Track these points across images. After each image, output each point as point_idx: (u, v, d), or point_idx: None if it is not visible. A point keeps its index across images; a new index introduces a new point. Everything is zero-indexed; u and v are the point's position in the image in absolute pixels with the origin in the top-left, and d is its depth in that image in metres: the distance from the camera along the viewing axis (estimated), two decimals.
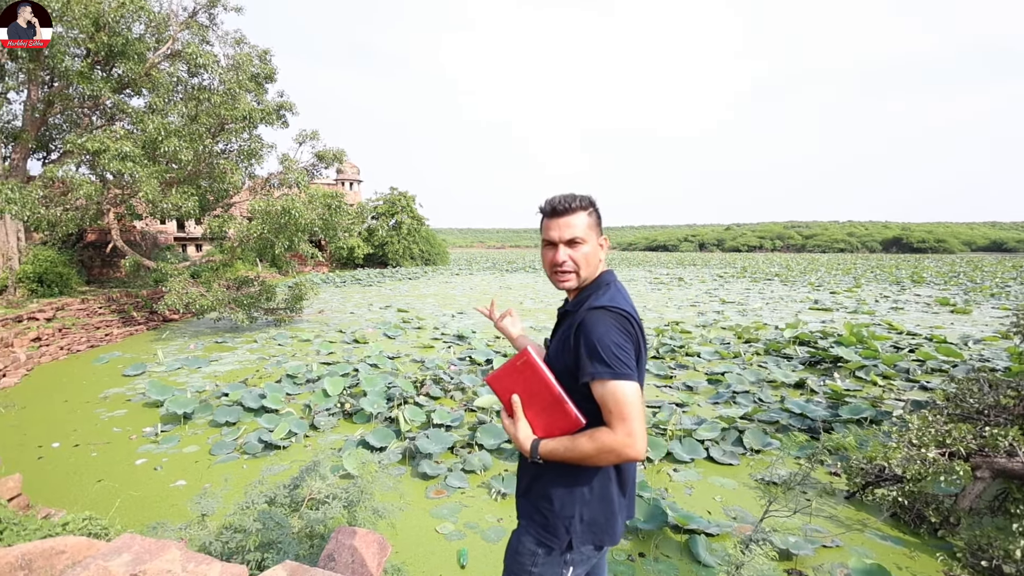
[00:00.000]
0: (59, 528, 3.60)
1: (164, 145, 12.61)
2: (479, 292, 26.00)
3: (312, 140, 16.43)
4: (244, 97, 14.13)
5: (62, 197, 13.78)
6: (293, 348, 12.88)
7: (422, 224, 48.72)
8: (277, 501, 3.69)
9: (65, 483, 6.01)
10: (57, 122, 16.69)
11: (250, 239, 14.17)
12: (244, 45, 16.32)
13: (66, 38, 13.03)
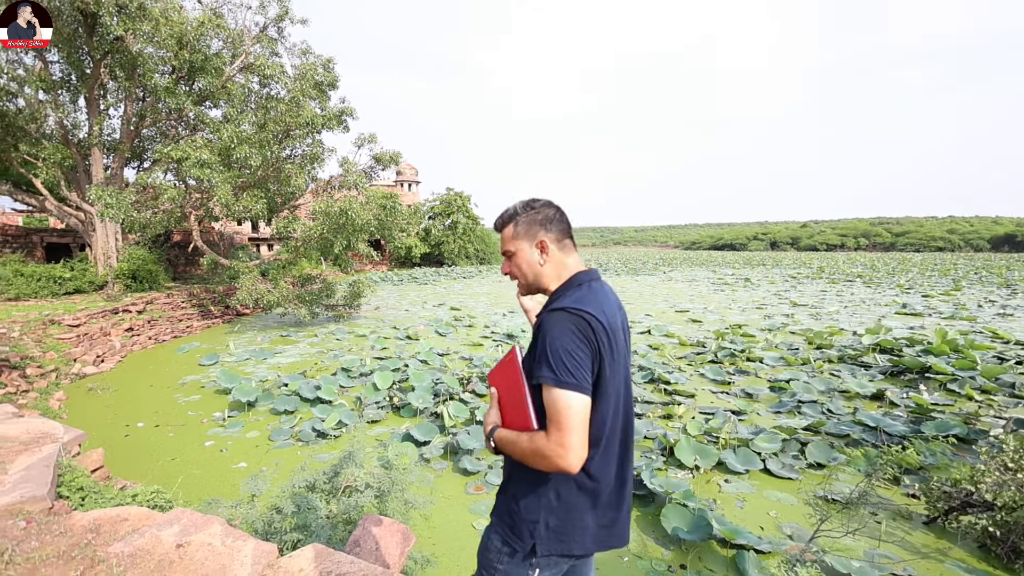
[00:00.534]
0: (129, 499, 3.89)
1: (237, 152, 13.50)
2: None
3: (370, 143, 17.02)
4: (308, 104, 14.86)
5: (151, 202, 15.10)
6: (350, 343, 13.39)
7: (477, 223, 49.32)
8: (317, 487, 3.80)
9: (143, 459, 6.55)
10: (150, 134, 18.33)
11: (312, 239, 14.91)
12: (310, 55, 17.20)
13: (155, 57, 14.24)
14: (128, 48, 13.93)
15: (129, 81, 15.02)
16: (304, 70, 15.75)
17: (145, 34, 13.28)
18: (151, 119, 16.39)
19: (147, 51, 13.94)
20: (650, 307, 19.70)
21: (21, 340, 10.14)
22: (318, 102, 16.36)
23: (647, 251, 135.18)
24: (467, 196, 49.01)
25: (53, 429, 4.41)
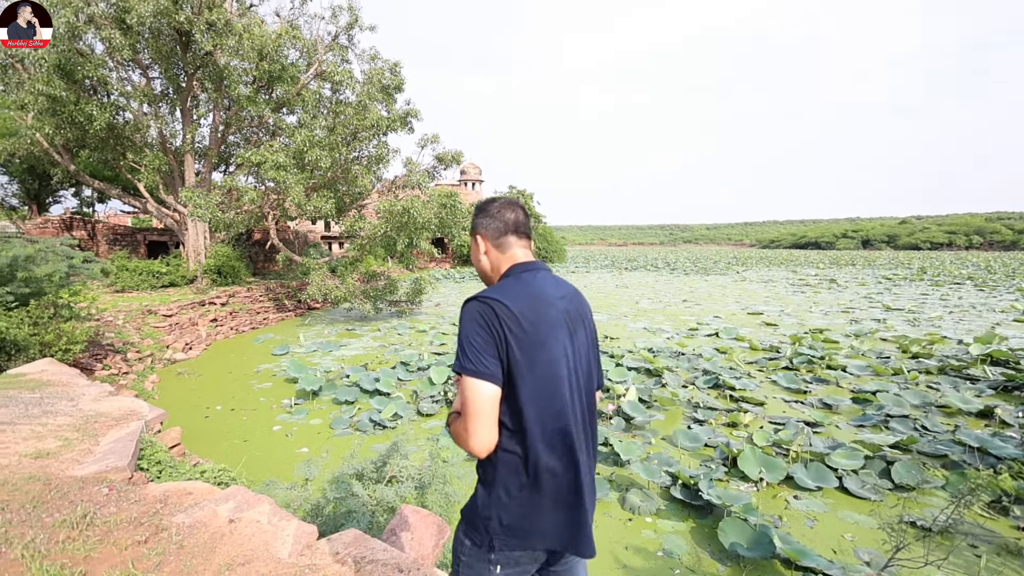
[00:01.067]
0: (198, 474, 4.16)
1: (309, 154, 14.28)
2: (594, 290, 25.53)
3: (433, 143, 17.42)
4: (374, 108, 15.44)
5: (235, 203, 16.30)
6: (410, 338, 13.76)
7: (539, 221, 49.28)
8: (365, 475, 3.88)
9: (218, 439, 7.04)
10: (235, 140, 19.83)
11: (377, 237, 15.49)
12: (378, 60, 17.85)
13: (238, 68, 15.36)
14: (216, 62, 15.12)
15: (217, 92, 16.32)
16: (371, 75, 16.38)
17: (230, 48, 14.37)
18: (235, 127, 17.69)
19: (232, 64, 15.05)
20: (720, 308, 18.75)
21: (124, 328, 11.26)
22: (384, 105, 16.97)
23: (719, 249, 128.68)
24: (530, 194, 49.09)
25: (140, 407, 4.81)
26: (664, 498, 5.11)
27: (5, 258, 7.14)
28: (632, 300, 21.52)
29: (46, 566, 2.10)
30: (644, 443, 6.43)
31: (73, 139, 15.37)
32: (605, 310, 18.48)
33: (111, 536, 2.43)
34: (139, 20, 13.09)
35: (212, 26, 14.17)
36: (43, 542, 2.30)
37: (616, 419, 7.00)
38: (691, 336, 13.39)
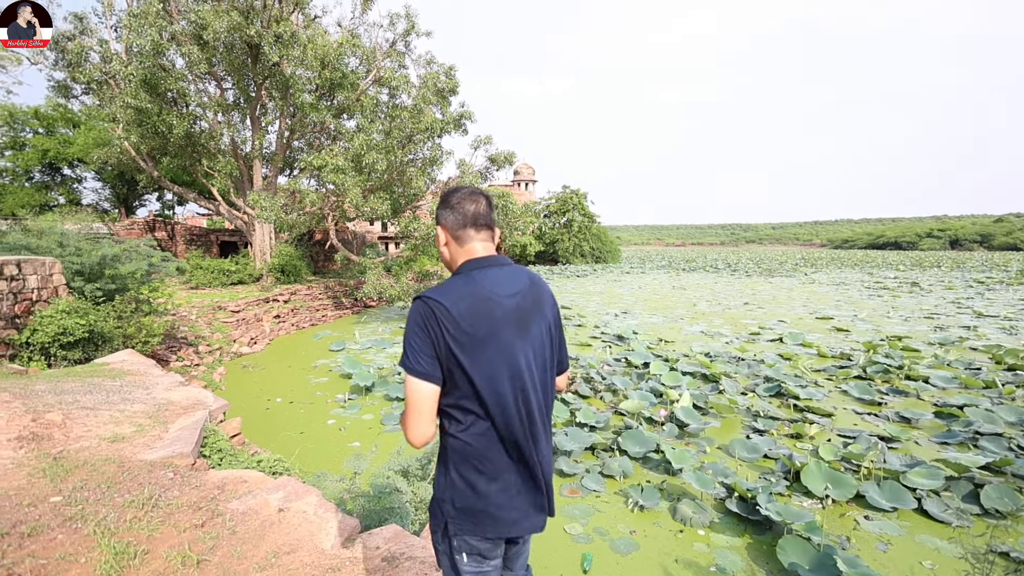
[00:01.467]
0: (255, 463, 4.35)
1: (366, 158, 14.76)
2: (648, 292, 24.88)
3: (486, 145, 17.56)
4: (429, 111, 15.76)
5: (297, 205, 17.12)
6: None
7: (593, 221, 48.59)
8: (410, 472, 3.92)
9: (276, 430, 7.37)
10: (299, 145, 20.84)
11: (429, 237, 15.78)
12: (433, 64, 18.21)
13: (302, 77, 16.13)
14: (283, 72, 15.94)
15: (283, 100, 17.22)
16: (427, 79, 16.74)
17: (295, 58, 15.13)
18: (299, 132, 18.59)
19: (297, 73, 15.82)
20: (785, 312, 17.73)
21: (196, 322, 12.08)
22: (439, 107, 17.29)
23: (786, 250, 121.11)
24: (583, 194, 48.52)
25: (206, 398, 5.11)
26: (718, 510, 4.86)
27: (95, 257, 7.81)
28: (689, 302, 20.77)
29: (114, 543, 2.23)
30: (698, 451, 6.15)
31: (156, 147, 16.67)
32: (661, 312, 17.95)
33: (172, 518, 2.57)
34: (214, 35, 14.02)
35: (279, 38, 14.97)
36: (113, 520, 2.46)
37: (668, 425, 6.74)
38: (752, 341, 12.74)
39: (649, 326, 14.90)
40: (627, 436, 6.19)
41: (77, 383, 5.06)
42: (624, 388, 8.27)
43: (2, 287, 6.04)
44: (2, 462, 3.01)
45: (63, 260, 7.46)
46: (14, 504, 2.53)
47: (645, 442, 6.05)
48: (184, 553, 2.22)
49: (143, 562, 2.14)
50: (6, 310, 6.10)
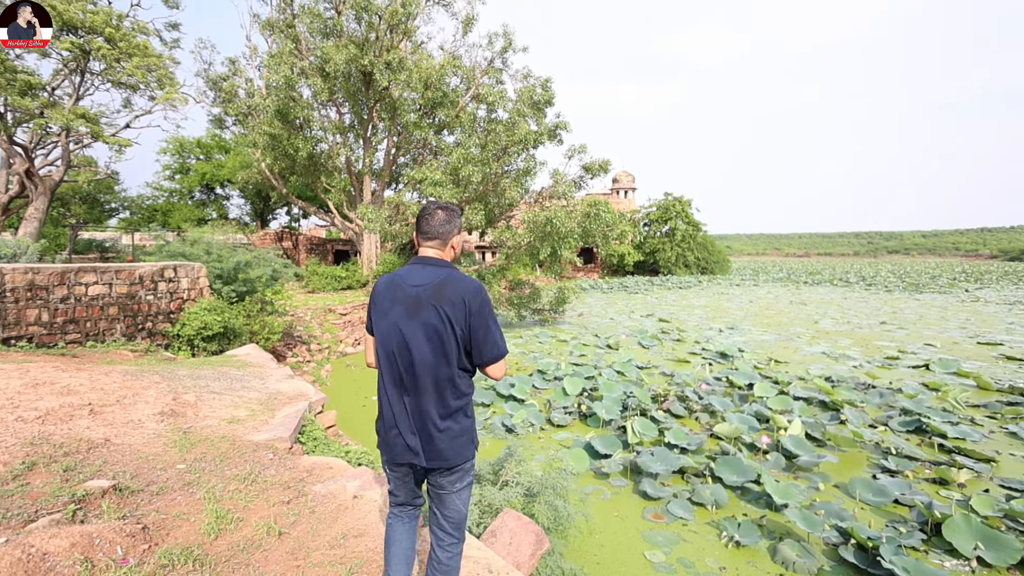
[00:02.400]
0: (342, 453, 4.62)
1: (462, 171, 15.37)
2: (761, 306, 22.97)
3: (580, 153, 17.44)
4: (523, 124, 16.05)
5: (400, 216, 18.24)
6: (551, 347, 13.84)
7: (698, 230, 45.99)
8: (481, 475, 3.92)
9: (368, 425, 7.77)
10: (404, 161, 22.30)
11: (521, 246, 15.97)
12: (530, 78, 18.52)
13: (408, 99, 17.28)
14: (391, 95, 17.20)
15: (391, 121, 18.56)
16: (522, 93, 17.07)
17: (402, 82, 16.26)
18: (404, 149, 19.87)
19: (403, 95, 16.99)
20: (935, 335, 15.30)
21: (310, 323, 13.29)
22: (534, 119, 17.52)
23: (940, 262, 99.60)
24: (687, 201, 46.21)
25: (308, 391, 5.56)
26: (829, 557, 4.26)
27: (231, 263, 8.91)
28: (810, 319, 18.81)
29: (216, 508, 2.55)
30: (808, 487, 5.48)
31: (285, 167, 18.79)
32: (774, 329, 16.44)
33: (265, 493, 2.82)
34: (334, 67, 15.59)
35: (388, 65, 16.22)
36: (220, 489, 2.77)
37: (774, 455, 6.10)
38: (888, 366, 11.14)
39: (758, 344, 13.71)
40: (723, 462, 5.70)
41: (210, 371, 5.77)
42: (723, 410, 7.67)
43: (162, 287, 7.12)
44: (147, 432, 3.53)
45: (208, 265, 8.63)
46: (151, 467, 2.97)
47: (744, 471, 5.51)
48: (270, 524, 2.44)
49: (237, 527, 2.41)
50: (164, 306, 7.18)
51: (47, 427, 3.21)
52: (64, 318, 5.92)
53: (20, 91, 13.04)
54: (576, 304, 23.65)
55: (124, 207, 24.72)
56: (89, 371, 4.80)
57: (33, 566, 1.75)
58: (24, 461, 2.69)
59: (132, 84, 16.05)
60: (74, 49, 13.86)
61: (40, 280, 5.69)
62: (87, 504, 2.38)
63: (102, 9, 14.79)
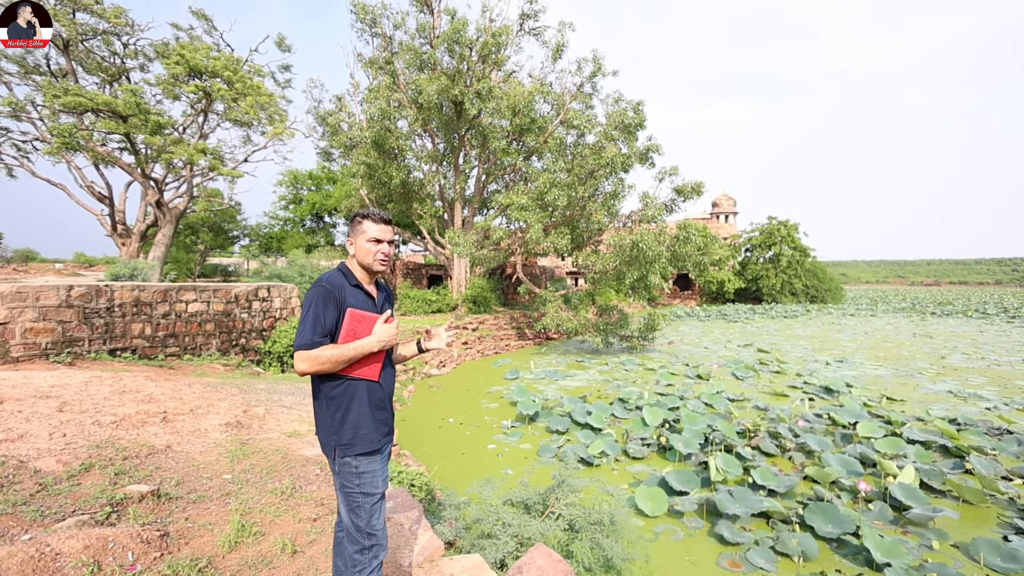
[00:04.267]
0: (395, 472, 4.66)
1: (548, 195, 15.47)
2: (877, 338, 20.29)
3: (671, 176, 16.82)
4: (611, 147, 15.87)
5: (487, 241, 18.76)
6: (636, 375, 13.22)
7: (806, 255, 42.14)
8: (531, 506, 3.76)
9: (441, 447, 7.88)
10: (496, 188, 23.01)
11: (608, 271, 15.61)
12: (621, 102, 18.37)
13: (497, 126, 17.90)
14: (481, 123, 17.94)
15: (481, 148, 19.30)
16: (612, 116, 16.96)
17: (491, 110, 16.92)
18: (494, 176, 20.53)
19: (492, 122, 17.64)
20: None
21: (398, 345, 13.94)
22: (625, 142, 17.27)
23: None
24: (794, 224, 42.70)
25: None
26: None
27: None
28: (935, 353, 16.25)
29: (242, 521, 2.59)
30: (919, 545, 4.59)
31: (382, 195, 20.20)
32: (891, 363, 14.41)
33: (297, 509, 2.88)
34: (427, 98, 16.59)
35: (479, 94, 16.96)
36: (255, 502, 2.88)
37: (879, 504, 5.20)
38: None
39: (871, 379, 12.04)
40: (816, 509, 4.97)
41: (287, 386, 6.22)
42: (821, 450, 6.73)
43: (256, 306, 7.89)
44: (208, 441, 3.82)
45: (300, 286, 9.43)
46: (198, 475, 3.16)
47: (840, 520, 4.76)
48: (287, 541, 2.45)
49: (255, 542, 2.43)
50: (257, 324, 7.93)
51: (118, 432, 3.54)
52: (165, 332, 6.74)
53: (152, 130, 15.39)
54: (668, 332, 22.52)
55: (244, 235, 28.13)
56: (175, 382, 5.38)
57: (43, 565, 1.84)
58: (84, 462, 2.93)
59: (246, 121, 18.39)
60: (198, 91, 16.22)
61: (145, 297, 6.53)
62: (122, 508, 2.51)
63: (223, 55, 17.20)
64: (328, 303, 1.77)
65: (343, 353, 1.73)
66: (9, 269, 26.01)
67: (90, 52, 17.98)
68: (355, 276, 1.93)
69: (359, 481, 1.79)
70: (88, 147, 16.16)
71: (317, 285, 1.79)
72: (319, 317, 1.73)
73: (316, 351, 1.70)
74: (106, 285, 6.29)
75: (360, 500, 1.79)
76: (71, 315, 5.90)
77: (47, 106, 15.63)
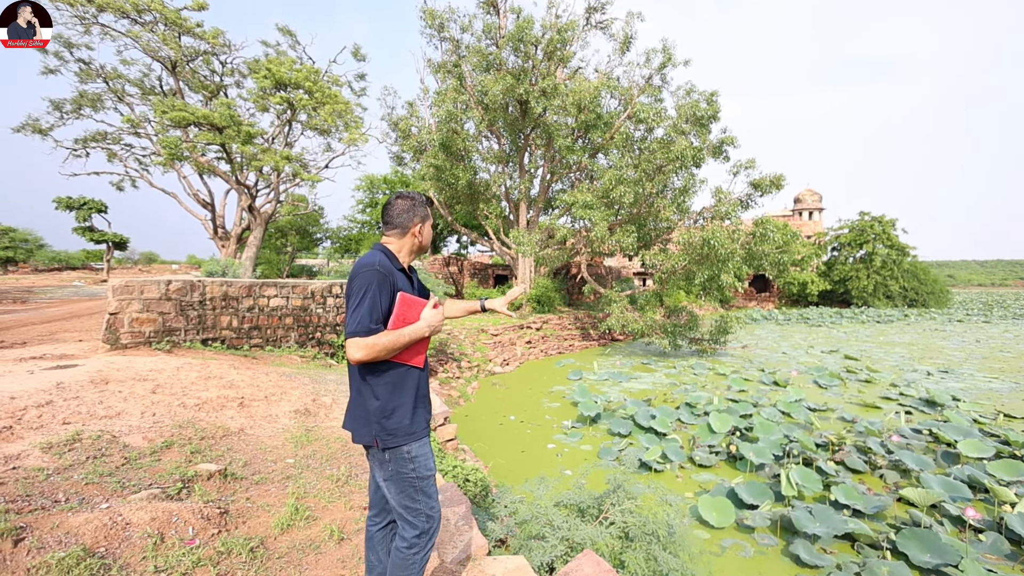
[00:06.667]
0: (449, 467, 4.68)
1: (613, 192, 15.10)
2: (992, 347, 17.96)
3: (747, 169, 15.85)
4: (681, 140, 15.20)
5: (550, 240, 18.63)
6: (706, 379, 12.59)
7: (904, 255, 38.23)
8: (584, 508, 3.65)
9: (501, 444, 7.90)
10: (561, 187, 22.85)
11: (677, 270, 14.97)
12: (693, 93, 17.58)
13: (561, 124, 17.72)
14: (546, 121, 17.86)
15: (546, 148, 19.22)
16: (684, 109, 16.27)
17: (556, 107, 16.79)
18: (559, 175, 20.38)
19: (556, 120, 17.50)
20: None
21: (463, 342, 14.18)
22: (697, 135, 16.51)
23: None
24: (889, 221, 38.92)
25: (433, 402, 5.86)
26: None
27: None
28: None
29: (297, 504, 2.70)
30: None
31: (449, 196, 20.67)
32: (1007, 375, 12.70)
33: (350, 497, 2.96)
34: (492, 99, 16.73)
35: (544, 92, 16.89)
36: (312, 486, 2.99)
37: (991, 535, 4.56)
38: None
39: (983, 393, 10.66)
40: (910, 535, 4.44)
41: None
42: (919, 469, 6.03)
43: (330, 302, 8.31)
44: (278, 426, 4.04)
45: None
46: (264, 458, 3.34)
47: (941, 550, 4.22)
48: (337, 528, 2.52)
49: (307, 525, 2.52)
50: (331, 319, 8.36)
51: (200, 414, 3.83)
52: (250, 325, 7.25)
53: (244, 140, 16.67)
54: (742, 335, 21.28)
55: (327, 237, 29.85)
56: (255, 370, 5.76)
57: (114, 533, 1.99)
58: (166, 440, 3.17)
59: (325, 129, 19.47)
60: (283, 102, 17.37)
61: (232, 292, 7.06)
62: (191, 484, 2.67)
63: (304, 67, 18.32)
64: (383, 287, 1.72)
65: (399, 339, 1.70)
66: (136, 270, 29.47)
67: (195, 72, 19.87)
68: (399, 260, 1.87)
69: (413, 465, 1.79)
70: (191, 157, 17.86)
71: (370, 268, 1.73)
72: (376, 302, 1.69)
73: (374, 338, 1.66)
74: (199, 281, 6.89)
75: (418, 483, 1.79)
76: (170, 307, 6.51)
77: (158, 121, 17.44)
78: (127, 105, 19.68)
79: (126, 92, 19.58)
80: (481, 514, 3.84)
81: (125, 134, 20.30)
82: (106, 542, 1.97)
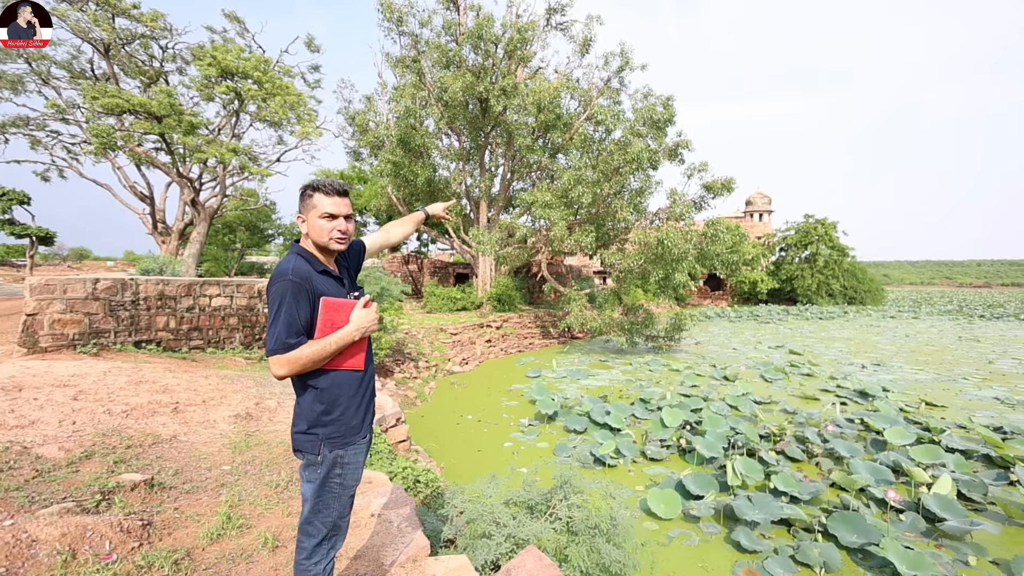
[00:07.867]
0: (399, 468, 4.62)
1: (572, 192, 15.27)
2: (919, 341, 19.28)
3: (700, 172, 16.36)
4: (636, 142, 15.53)
5: (511, 239, 18.67)
6: (660, 376, 12.93)
7: (845, 255, 40.51)
8: (534, 505, 3.67)
9: (457, 443, 7.85)
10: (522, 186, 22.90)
11: (633, 269, 15.29)
12: (650, 97, 17.96)
13: (521, 123, 17.76)
14: (506, 120, 17.86)
15: (507, 146, 19.22)
16: (641, 112, 16.62)
17: (515, 106, 16.81)
18: (519, 174, 20.43)
19: (516, 119, 17.53)
20: None
21: (421, 341, 14.01)
22: (653, 138, 16.88)
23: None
24: (832, 223, 41.09)
25: (384, 403, 5.75)
26: None
27: None
28: (983, 358, 15.32)
29: (230, 512, 2.58)
30: (954, 560, 4.28)
31: (407, 193, 20.37)
32: (932, 368, 13.67)
33: (289, 502, 2.86)
34: (452, 96, 16.59)
35: (504, 91, 16.88)
36: (248, 494, 2.87)
37: (910, 515, 4.89)
38: None
39: (909, 384, 11.43)
40: (841, 518, 4.70)
41: None
42: (850, 456, 6.40)
43: None
44: (215, 432, 3.86)
45: None
46: (198, 466, 3.18)
47: (866, 530, 4.49)
48: (272, 536, 2.42)
49: (239, 534, 2.41)
50: None
51: (127, 421, 3.60)
52: (189, 325, 6.91)
53: (186, 130, 15.85)
54: (696, 332, 21.98)
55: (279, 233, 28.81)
56: (193, 373, 5.48)
57: (18, 552, 1.84)
58: (86, 450, 2.97)
59: (276, 121, 18.78)
60: (229, 92, 16.63)
61: (169, 291, 6.69)
62: (112, 495, 2.50)
63: (253, 55, 17.59)
64: (299, 297, 1.60)
65: (324, 349, 1.60)
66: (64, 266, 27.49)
67: (131, 56, 18.72)
68: (319, 260, 1.76)
69: (341, 472, 1.73)
70: (126, 147, 16.82)
71: (282, 278, 1.61)
72: (292, 315, 1.58)
73: (294, 353, 1.56)
74: (131, 279, 6.49)
75: (338, 492, 1.73)
76: (97, 307, 6.11)
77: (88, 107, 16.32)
78: (53, 89, 18.30)
79: (51, 75, 18.20)
80: (430, 515, 3.80)
81: (51, 120, 18.87)
82: (7, 562, 1.81)
